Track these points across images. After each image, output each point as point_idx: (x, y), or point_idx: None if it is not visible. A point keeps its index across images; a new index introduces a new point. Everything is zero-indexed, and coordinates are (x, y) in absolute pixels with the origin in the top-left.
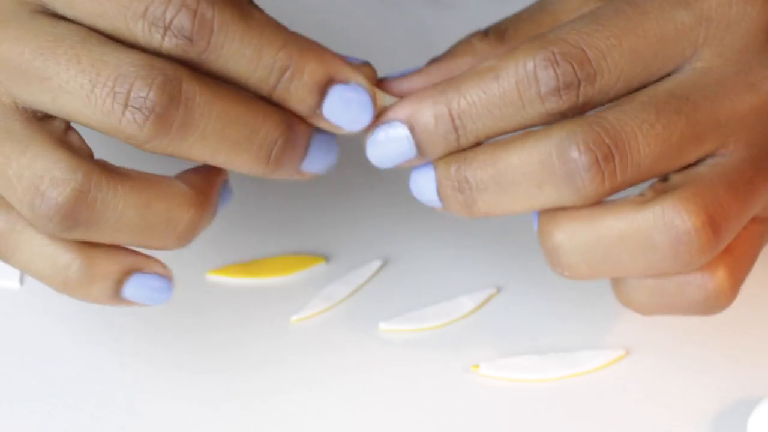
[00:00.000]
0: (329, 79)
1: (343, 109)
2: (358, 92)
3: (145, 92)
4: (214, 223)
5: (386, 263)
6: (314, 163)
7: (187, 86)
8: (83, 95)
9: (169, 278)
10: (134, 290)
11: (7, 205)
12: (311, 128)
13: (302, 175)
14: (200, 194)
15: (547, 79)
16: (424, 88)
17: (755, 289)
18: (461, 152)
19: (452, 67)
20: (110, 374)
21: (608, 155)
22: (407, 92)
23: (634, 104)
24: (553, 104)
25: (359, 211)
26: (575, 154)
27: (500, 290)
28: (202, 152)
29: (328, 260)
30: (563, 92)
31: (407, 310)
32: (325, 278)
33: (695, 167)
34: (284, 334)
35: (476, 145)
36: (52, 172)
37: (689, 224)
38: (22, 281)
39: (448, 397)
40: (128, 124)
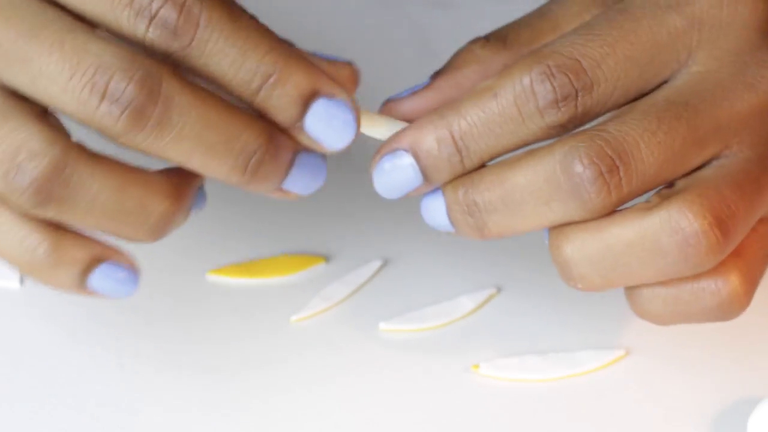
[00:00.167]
0: (313, 91)
1: (325, 124)
2: (341, 108)
3: (123, 85)
4: (213, 223)
5: (386, 263)
6: (297, 182)
7: (167, 84)
8: (61, 81)
9: (135, 271)
10: (100, 281)
11: None
12: (296, 146)
13: (283, 193)
14: (176, 188)
15: (544, 92)
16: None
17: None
18: (467, 175)
19: (458, 78)
20: (110, 374)
21: (612, 167)
22: (417, 110)
23: (634, 114)
24: (552, 117)
25: (359, 211)
26: (579, 168)
27: (500, 290)
28: (177, 153)
29: (328, 260)
30: (561, 104)
31: (407, 310)
32: (325, 278)
33: (700, 171)
34: (284, 334)
35: (481, 166)
36: (29, 144)
37: (696, 226)
38: (22, 281)
39: (448, 397)
40: (103, 115)
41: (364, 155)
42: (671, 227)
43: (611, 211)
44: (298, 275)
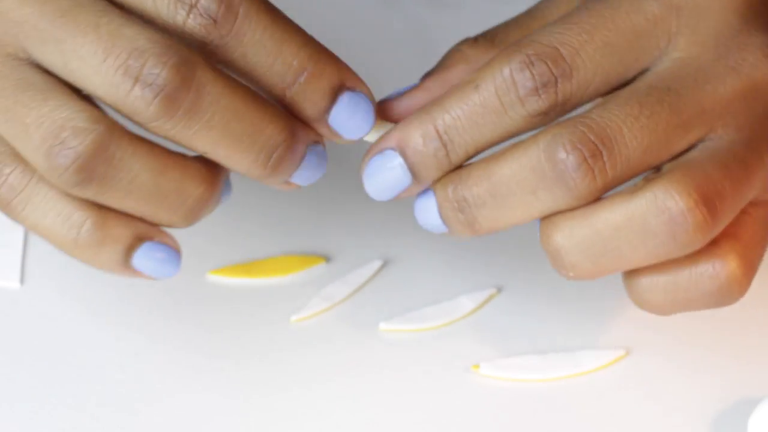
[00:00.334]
0: (341, 84)
1: (349, 115)
2: (363, 100)
3: (158, 69)
4: (214, 223)
5: (386, 263)
6: (303, 175)
7: (201, 72)
8: (95, 63)
9: (178, 252)
10: (144, 259)
11: (20, 158)
12: (311, 138)
13: (288, 185)
14: (211, 174)
15: (523, 80)
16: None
17: (755, 289)
18: (455, 172)
19: (447, 77)
20: (110, 374)
21: (595, 152)
22: (407, 111)
23: (616, 101)
24: (533, 105)
25: (359, 211)
26: (562, 155)
27: (500, 290)
28: (203, 142)
29: (328, 260)
30: (542, 91)
31: (407, 310)
32: (325, 278)
33: (685, 154)
34: (284, 334)
35: (468, 161)
36: (74, 121)
37: (682, 204)
38: (22, 281)
39: (448, 397)
40: (136, 99)
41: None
42: (657, 207)
43: (598, 197)
44: (298, 275)
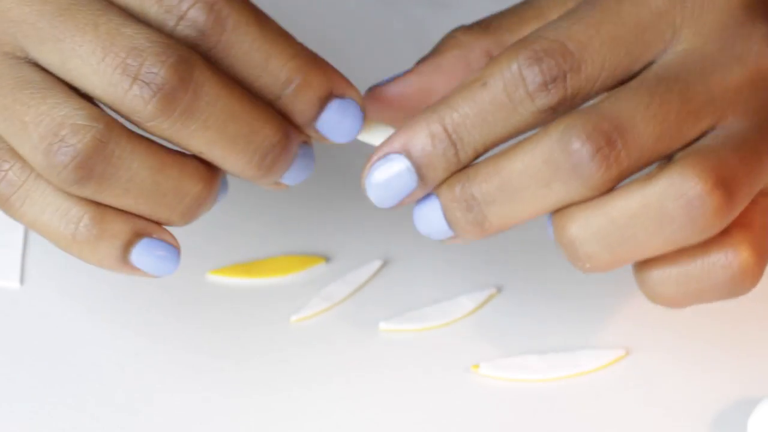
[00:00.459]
0: (329, 93)
1: (336, 122)
2: (352, 107)
3: (156, 69)
4: (214, 223)
5: (386, 263)
6: (292, 175)
7: (199, 72)
8: (93, 62)
9: (176, 249)
10: (142, 256)
11: (19, 155)
12: (302, 139)
13: (278, 185)
14: (209, 172)
15: (532, 76)
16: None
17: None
18: (462, 171)
19: (440, 62)
20: (110, 374)
21: (610, 141)
22: (400, 95)
23: (626, 91)
24: (543, 100)
25: (359, 211)
26: (577, 144)
27: (500, 290)
28: (200, 142)
29: (328, 260)
30: (551, 86)
31: (407, 310)
32: (325, 278)
33: (698, 142)
34: (284, 334)
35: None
36: (73, 118)
37: (699, 187)
38: (22, 281)
39: (448, 397)
40: (134, 98)
41: (363, 156)
42: (674, 192)
43: (612, 186)
44: (298, 275)
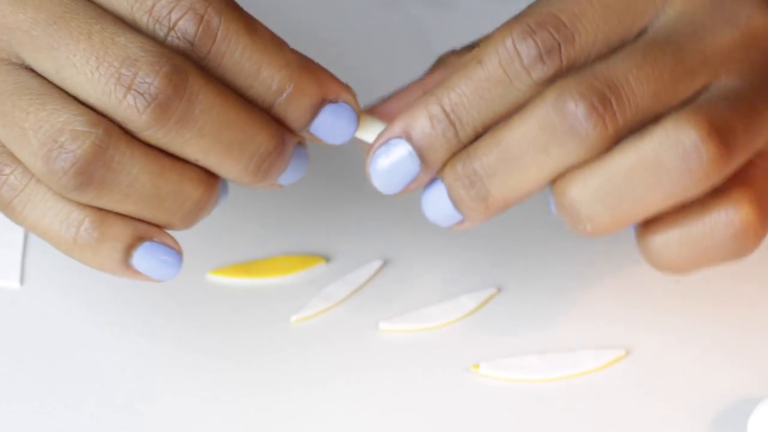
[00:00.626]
0: (323, 99)
1: (330, 126)
2: (346, 110)
3: (150, 78)
4: (214, 223)
5: (386, 263)
6: (287, 175)
7: (192, 80)
8: (87, 71)
9: (179, 252)
10: (144, 260)
11: (19, 160)
12: (296, 141)
13: (273, 185)
14: (209, 175)
15: (527, 49)
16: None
17: (755, 289)
18: (463, 150)
19: (428, 82)
20: (110, 374)
21: (604, 99)
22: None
23: (619, 54)
24: (539, 72)
25: (359, 211)
26: (572, 105)
27: (500, 290)
28: (195, 150)
29: (328, 260)
30: (546, 58)
31: (407, 310)
32: (325, 278)
33: (692, 101)
34: (284, 334)
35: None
36: (72, 124)
37: (694, 135)
38: (22, 281)
39: (448, 397)
40: (128, 108)
41: (363, 156)
42: (670, 142)
43: (610, 146)
44: (298, 275)
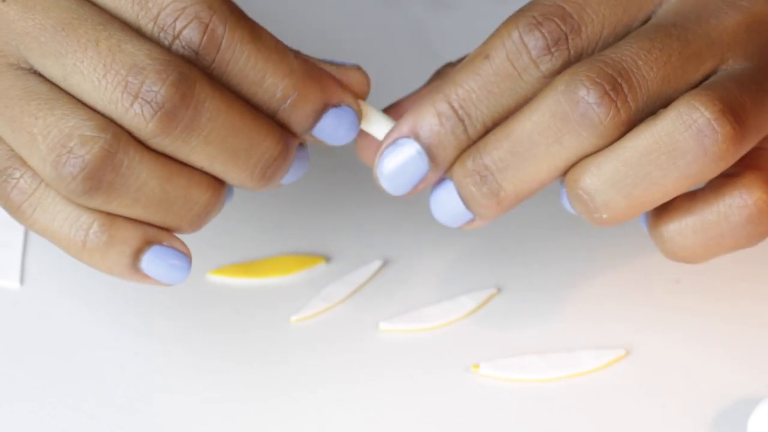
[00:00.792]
0: (326, 104)
1: (333, 129)
2: (348, 113)
3: (157, 87)
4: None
5: (386, 263)
6: (289, 176)
7: (199, 88)
8: (94, 79)
9: (187, 256)
10: (152, 263)
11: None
12: (298, 142)
13: (276, 186)
14: (217, 180)
15: (534, 41)
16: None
17: (755, 288)
18: (473, 146)
19: (422, 92)
20: (110, 374)
21: (616, 84)
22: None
23: (626, 41)
24: (547, 64)
25: (359, 211)
26: (583, 92)
27: (500, 290)
28: (200, 157)
29: (328, 260)
30: (554, 49)
31: (407, 310)
32: (325, 278)
33: (702, 83)
34: (284, 334)
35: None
36: (81, 129)
37: (708, 114)
38: (22, 281)
39: (448, 397)
40: (135, 116)
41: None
42: (683, 123)
43: (623, 132)
44: (298, 275)
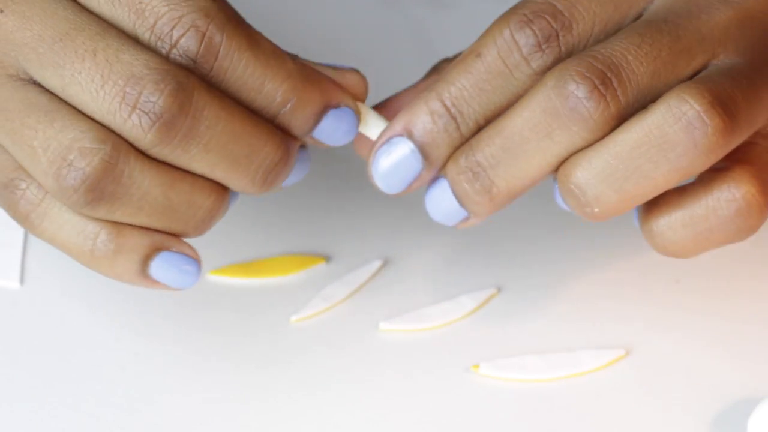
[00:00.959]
0: (325, 107)
1: (332, 130)
2: (347, 114)
3: (155, 97)
4: None
5: (386, 263)
6: (291, 178)
7: (197, 97)
8: (92, 90)
9: (197, 261)
10: (161, 269)
11: None
12: (298, 144)
13: (278, 189)
14: (220, 183)
15: (525, 38)
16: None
17: (755, 288)
18: (466, 143)
19: (419, 87)
20: (110, 374)
21: (605, 79)
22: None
23: (617, 36)
24: (538, 61)
25: (359, 211)
26: (573, 86)
27: (500, 290)
28: (201, 165)
29: (328, 260)
30: (545, 46)
31: (407, 310)
32: (325, 278)
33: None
34: (284, 334)
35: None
36: (81, 142)
37: (698, 107)
38: (22, 281)
39: (448, 397)
40: (133, 126)
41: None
42: (673, 115)
43: (614, 126)
44: (298, 275)
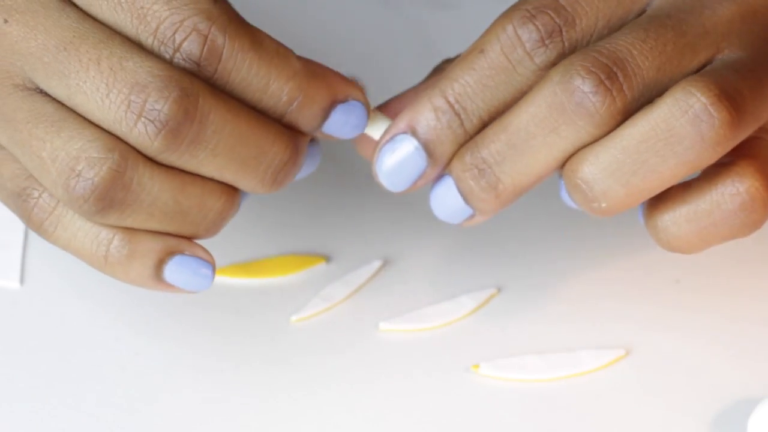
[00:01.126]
0: (333, 102)
1: (341, 124)
2: (356, 107)
3: (160, 105)
4: None
5: (386, 263)
6: (302, 172)
7: (203, 101)
8: (98, 98)
9: (211, 263)
10: (176, 273)
11: None
12: (307, 143)
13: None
14: (230, 185)
15: (528, 34)
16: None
17: (755, 287)
18: (471, 140)
19: (420, 87)
20: (110, 374)
21: (611, 73)
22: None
23: (621, 31)
24: (542, 56)
25: (359, 211)
26: (578, 81)
27: (500, 290)
28: (210, 168)
29: (328, 260)
30: (548, 41)
31: (407, 310)
32: (325, 278)
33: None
34: (284, 334)
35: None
36: (88, 152)
37: (704, 99)
38: (22, 281)
39: (448, 397)
40: (140, 134)
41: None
42: (680, 109)
43: (619, 122)
44: (298, 275)
